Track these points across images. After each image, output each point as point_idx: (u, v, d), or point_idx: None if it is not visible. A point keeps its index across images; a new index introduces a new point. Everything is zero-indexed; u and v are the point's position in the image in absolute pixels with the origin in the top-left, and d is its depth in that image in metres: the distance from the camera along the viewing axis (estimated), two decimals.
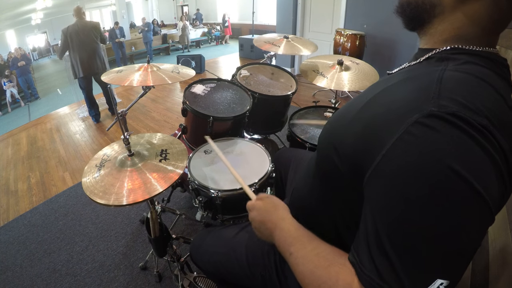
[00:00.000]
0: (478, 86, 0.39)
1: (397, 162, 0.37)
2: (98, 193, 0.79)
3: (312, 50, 1.71)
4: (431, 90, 0.38)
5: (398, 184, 0.36)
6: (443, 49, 0.46)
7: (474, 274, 0.77)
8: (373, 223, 0.39)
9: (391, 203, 0.37)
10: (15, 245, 1.71)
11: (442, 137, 0.34)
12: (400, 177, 0.36)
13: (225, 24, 10.75)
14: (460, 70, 0.41)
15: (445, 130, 0.34)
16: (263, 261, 0.73)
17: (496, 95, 0.39)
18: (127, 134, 0.88)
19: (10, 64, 7.11)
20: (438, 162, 0.34)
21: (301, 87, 3.92)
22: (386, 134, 0.39)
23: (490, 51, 0.45)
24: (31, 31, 11.30)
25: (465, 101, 0.36)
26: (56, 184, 2.32)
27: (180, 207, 1.88)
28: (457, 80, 0.39)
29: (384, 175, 0.38)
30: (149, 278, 1.41)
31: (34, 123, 3.88)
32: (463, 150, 0.34)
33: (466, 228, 0.34)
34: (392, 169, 0.37)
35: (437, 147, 0.34)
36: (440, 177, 0.33)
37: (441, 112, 0.35)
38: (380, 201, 0.39)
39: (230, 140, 1.36)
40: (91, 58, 3.16)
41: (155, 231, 0.97)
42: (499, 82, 0.41)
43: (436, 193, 0.34)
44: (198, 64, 5.14)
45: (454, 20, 0.45)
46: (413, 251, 0.35)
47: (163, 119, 3.45)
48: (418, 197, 0.35)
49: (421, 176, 0.34)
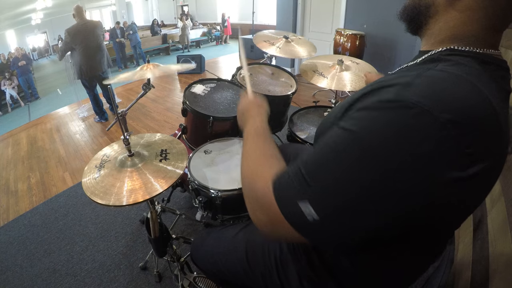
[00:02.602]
0: (454, 85, 0.37)
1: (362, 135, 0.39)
2: (99, 193, 0.79)
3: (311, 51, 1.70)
4: (400, 83, 0.39)
5: (339, 141, 0.40)
6: (439, 50, 0.46)
7: (474, 273, 0.77)
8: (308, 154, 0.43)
9: (325, 147, 0.41)
10: (15, 245, 1.71)
11: (380, 116, 0.37)
12: (342, 136, 0.40)
13: (224, 23, 10.73)
14: (445, 70, 0.40)
15: (389, 111, 0.36)
16: (263, 260, 0.73)
17: (478, 97, 0.37)
18: (127, 134, 0.88)
19: (11, 64, 7.11)
20: (366, 132, 0.37)
21: (301, 87, 3.91)
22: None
23: (487, 53, 0.43)
24: (31, 31, 11.30)
25: (428, 94, 0.36)
26: (56, 184, 2.32)
27: (180, 207, 1.88)
28: (434, 78, 0.38)
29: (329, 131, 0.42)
30: (149, 278, 1.41)
31: (34, 123, 3.88)
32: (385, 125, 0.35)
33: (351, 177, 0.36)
34: (340, 127, 0.41)
35: (374, 124, 0.37)
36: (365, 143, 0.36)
37: (398, 97, 0.36)
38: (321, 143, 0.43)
39: (230, 140, 1.36)
40: (98, 57, 3.16)
41: (155, 231, 0.97)
42: (488, 84, 0.39)
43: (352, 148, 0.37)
44: (198, 64, 5.14)
45: (449, 19, 0.45)
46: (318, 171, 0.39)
47: (163, 119, 3.45)
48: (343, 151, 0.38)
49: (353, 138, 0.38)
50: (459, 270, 0.86)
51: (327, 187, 0.38)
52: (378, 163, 0.35)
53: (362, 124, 0.38)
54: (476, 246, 0.83)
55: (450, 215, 0.40)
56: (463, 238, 0.96)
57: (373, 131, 0.36)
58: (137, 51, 8.34)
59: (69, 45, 3.05)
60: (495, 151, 0.37)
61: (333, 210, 0.38)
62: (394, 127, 0.35)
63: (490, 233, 0.78)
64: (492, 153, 0.37)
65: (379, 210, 0.36)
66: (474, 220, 0.92)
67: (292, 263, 0.65)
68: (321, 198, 0.38)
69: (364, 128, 0.37)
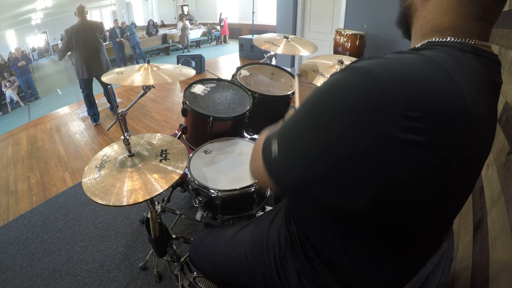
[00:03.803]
0: (412, 59, 0.38)
1: (319, 89, 0.43)
2: (99, 194, 0.79)
3: (311, 51, 1.71)
4: (366, 57, 0.41)
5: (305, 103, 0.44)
6: (420, 45, 0.47)
7: (474, 274, 0.77)
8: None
9: (296, 113, 0.45)
10: (15, 245, 1.71)
11: (339, 76, 0.40)
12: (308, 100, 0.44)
13: (221, 23, 10.70)
14: (412, 52, 0.41)
15: (344, 73, 0.39)
16: (262, 259, 0.73)
17: (443, 76, 0.36)
18: (127, 134, 0.88)
19: (11, 64, 7.10)
20: (330, 90, 0.40)
21: (301, 87, 3.92)
22: None
23: (468, 43, 0.42)
24: (31, 31, 11.30)
25: (381, 64, 0.37)
26: (56, 184, 2.32)
27: (180, 207, 1.88)
28: (396, 56, 0.39)
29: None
30: (149, 278, 1.41)
31: (34, 123, 3.88)
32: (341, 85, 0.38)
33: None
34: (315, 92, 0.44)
35: (333, 82, 0.40)
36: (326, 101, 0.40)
37: (352, 65, 0.39)
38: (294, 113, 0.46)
39: (230, 140, 1.36)
40: (96, 59, 3.13)
41: (155, 231, 0.97)
42: (460, 68, 0.38)
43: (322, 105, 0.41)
44: (198, 64, 5.14)
45: (427, 12, 0.46)
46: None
47: (163, 119, 3.45)
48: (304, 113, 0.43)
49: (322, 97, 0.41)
50: (459, 270, 0.86)
51: (289, 131, 0.44)
52: (324, 114, 0.39)
53: (321, 84, 0.43)
54: (476, 246, 0.83)
55: (422, 196, 0.38)
56: (463, 238, 0.96)
57: (323, 87, 0.41)
58: (136, 51, 8.34)
59: (68, 45, 3.04)
60: (456, 135, 0.35)
61: (289, 151, 0.42)
62: (340, 81, 0.39)
63: (490, 233, 0.78)
64: (451, 135, 0.35)
65: (331, 165, 0.38)
66: (474, 220, 0.92)
67: (291, 261, 0.65)
68: (283, 138, 0.44)
69: (321, 85, 0.42)
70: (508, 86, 0.92)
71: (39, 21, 10.87)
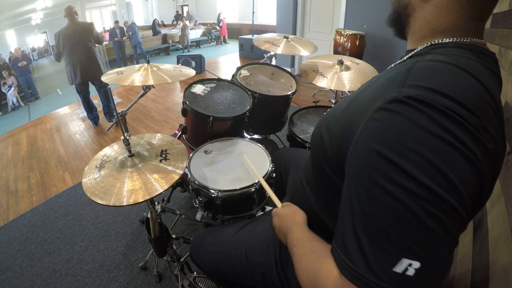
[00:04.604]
0: (447, 72, 0.38)
1: (360, 146, 0.38)
2: (99, 194, 0.79)
3: (311, 51, 1.71)
4: (397, 79, 0.39)
5: (361, 167, 0.38)
6: (424, 46, 0.47)
7: (474, 274, 0.77)
8: (348, 208, 0.40)
9: (357, 185, 0.39)
10: (15, 245, 1.71)
11: (402, 119, 0.35)
12: (363, 160, 0.38)
13: (219, 24, 10.68)
14: (433, 59, 0.41)
15: (405, 112, 0.35)
16: (263, 259, 0.73)
17: (471, 80, 0.38)
18: (127, 135, 0.88)
19: (11, 64, 7.10)
20: (400, 145, 0.35)
21: (301, 87, 3.92)
22: (358, 126, 0.40)
23: (472, 42, 0.44)
24: (31, 31, 11.30)
25: (428, 85, 0.36)
26: (56, 184, 2.32)
27: (180, 207, 1.88)
28: (425, 68, 0.40)
29: (352, 161, 0.40)
30: (149, 278, 1.41)
31: (34, 123, 3.88)
32: (423, 131, 0.34)
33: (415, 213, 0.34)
34: (357, 154, 0.39)
35: (397, 128, 0.35)
36: (401, 159, 0.34)
37: (402, 96, 0.36)
38: (351, 185, 0.40)
39: (230, 140, 1.36)
40: (85, 63, 2.93)
41: (155, 231, 0.97)
42: (478, 69, 0.40)
43: (394, 174, 0.35)
44: (198, 64, 5.14)
45: (426, 13, 0.46)
46: (377, 230, 0.36)
47: (163, 119, 3.45)
48: (377, 176, 0.36)
49: (384, 159, 0.36)
50: (459, 270, 0.86)
51: (400, 232, 0.35)
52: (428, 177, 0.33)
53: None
54: (476, 246, 0.83)
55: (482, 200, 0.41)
56: (463, 238, 0.96)
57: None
58: (137, 51, 8.33)
59: (58, 49, 2.91)
60: (497, 134, 0.38)
61: (430, 248, 0.34)
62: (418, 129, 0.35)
63: (490, 233, 0.78)
64: (495, 135, 0.37)
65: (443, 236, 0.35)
66: (474, 220, 0.92)
67: (292, 262, 0.65)
68: (410, 245, 0.34)
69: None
70: (508, 86, 0.91)
71: (39, 21, 10.86)
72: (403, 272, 0.34)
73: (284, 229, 0.61)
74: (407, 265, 0.34)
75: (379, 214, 0.36)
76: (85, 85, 3.10)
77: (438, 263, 0.35)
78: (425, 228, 0.33)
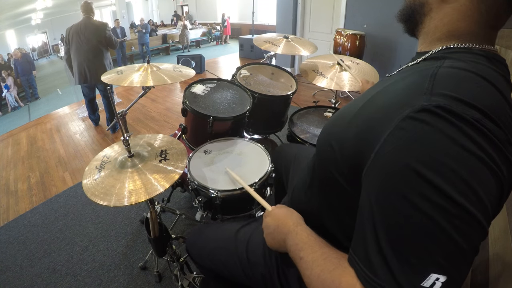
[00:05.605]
0: (473, 82, 0.38)
1: (388, 157, 0.37)
2: (99, 194, 0.79)
3: (311, 50, 1.71)
4: (423, 86, 0.38)
5: (390, 180, 0.37)
6: (439, 49, 0.46)
7: (474, 274, 0.77)
8: (370, 221, 0.39)
9: (384, 199, 0.37)
10: (15, 245, 1.71)
11: (432, 131, 0.34)
12: (391, 173, 0.37)
13: (224, 23, 10.73)
14: (455, 66, 0.41)
15: (435, 123, 0.34)
16: (264, 260, 0.73)
17: (493, 90, 0.38)
18: (127, 135, 0.88)
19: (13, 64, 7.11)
20: (433, 160, 0.34)
21: (301, 87, 3.92)
22: (380, 132, 0.39)
23: (487, 49, 0.44)
24: (31, 31, 11.30)
25: (458, 96, 0.36)
26: (56, 184, 2.32)
27: (180, 207, 1.88)
28: (451, 76, 0.39)
29: (376, 172, 0.39)
30: (149, 278, 1.41)
31: (34, 123, 3.88)
32: (455, 145, 0.34)
33: (440, 225, 0.34)
34: (384, 165, 0.38)
35: (428, 141, 0.35)
36: (433, 175, 0.34)
37: (432, 106, 0.35)
38: (374, 198, 0.39)
39: (230, 140, 1.36)
40: (89, 64, 2.76)
41: (154, 231, 0.97)
42: (497, 78, 0.40)
43: (422, 188, 0.34)
44: (198, 64, 5.14)
45: (443, 15, 0.45)
46: (405, 245, 0.35)
47: (163, 119, 3.45)
48: (408, 192, 0.35)
49: (415, 173, 0.35)
50: None
51: (426, 247, 0.35)
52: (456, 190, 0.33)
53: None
54: None
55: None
56: None
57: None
58: (143, 50, 8.71)
59: (66, 45, 2.81)
60: None
61: (452, 258, 0.34)
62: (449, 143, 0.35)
63: (490, 233, 0.78)
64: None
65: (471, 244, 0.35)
66: None
67: (294, 265, 0.65)
68: (431, 260, 0.34)
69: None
70: None
71: (39, 21, 10.86)
72: (430, 287, 0.34)
73: (284, 229, 0.59)
74: (434, 279, 0.34)
75: (407, 229, 0.35)
76: (91, 89, 2.98)
77: (461, 275, 0.35)
78: (454, 243, 0.34)
